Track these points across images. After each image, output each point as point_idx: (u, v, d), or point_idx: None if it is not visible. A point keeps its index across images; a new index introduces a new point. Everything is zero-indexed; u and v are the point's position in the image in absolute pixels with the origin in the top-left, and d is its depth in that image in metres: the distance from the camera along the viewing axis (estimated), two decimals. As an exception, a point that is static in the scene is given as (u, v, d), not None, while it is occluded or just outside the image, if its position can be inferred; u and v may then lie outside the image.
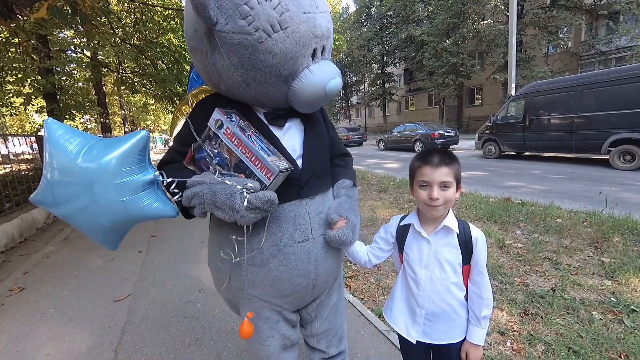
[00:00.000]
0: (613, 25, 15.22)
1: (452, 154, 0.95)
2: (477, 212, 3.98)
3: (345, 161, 1.21)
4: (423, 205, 0.94)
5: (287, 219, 0.97)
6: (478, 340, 0.98)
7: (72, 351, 1.85)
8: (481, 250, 0.96)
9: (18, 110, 11.57)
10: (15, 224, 3.92)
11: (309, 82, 0.89)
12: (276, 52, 0.82)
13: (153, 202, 0.87)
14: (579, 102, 7.33)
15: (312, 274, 1.02)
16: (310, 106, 0.96)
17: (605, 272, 2.38)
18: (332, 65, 0.94)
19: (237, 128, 0.86)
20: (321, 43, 0.90)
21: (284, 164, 0.87)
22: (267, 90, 0.90)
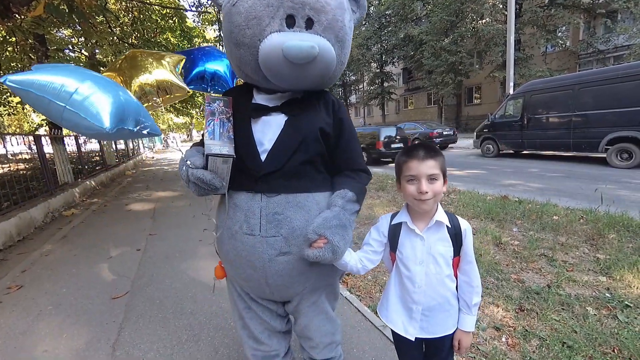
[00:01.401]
0: (611, 24, 15.29)
1: (436, 147, 0.97)
2: (474, 210, 4.00)
3: (359, 175, 1.09)
4: (412, 200, 0.94)
5: (241, 208, 1.00)
6: (469, 327, 1.01)
7: (70, 347, 1.85)
8: (469, 241, 0.99)
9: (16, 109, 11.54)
10: (13, 222, 3.91)
11: (269, 44, 0.86)
12: (241, 11, 0.88)
13: None
14: (576, 100, 7.35)
15: (260, 270, 1.00)
16: (278, 75, 0.91)
17: (601, 269, 2.40)
18: (312, 36, 0.87)
19: (208, 111, 0.97)
20: (303, 12, 0.87)
21: (223, 149, 0.94)
22: (240, 53, 0.94)
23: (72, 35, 9.04)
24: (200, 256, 3.10)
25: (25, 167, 6.30)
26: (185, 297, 2.34)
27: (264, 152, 0.99)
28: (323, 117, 1.02)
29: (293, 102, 1.02)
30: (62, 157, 6.66)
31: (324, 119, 1.02)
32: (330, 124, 1.03)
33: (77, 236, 4.01)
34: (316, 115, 1.01)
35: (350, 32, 1.01)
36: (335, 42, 0.94)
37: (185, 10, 9.66)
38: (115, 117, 0.93)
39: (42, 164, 5.30)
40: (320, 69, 0.92)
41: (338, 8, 0.92)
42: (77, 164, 7.61)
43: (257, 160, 0.98)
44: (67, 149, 6.95)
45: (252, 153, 0.98)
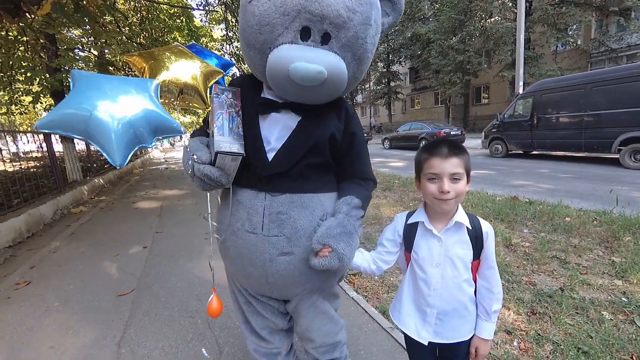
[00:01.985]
0: (624, 22, 14.94)
1: (461, 145, 0.91)
2: (483, 210, 3.93)
3: (366, 183, 1.09)
4: (432, 199, 0.90)
5: (244, 205, 0.98)
6: (487, 334, 0.96)
7: (76, 344, 1.86)
8: (491, 245, 0.93)
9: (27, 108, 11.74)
10: (22, 219, 3.96)
11: (278, 55, 0.81)
12: (256, 13, 0.83)
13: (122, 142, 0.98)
14: (588, 100, 7.20)
15: (261, 268, 0.98)
16: (280, 88, 0.88)
17: (616, 272, 2.32)
18: (326, 55, 0.81)
19: (216, 104, 0.93)
20: (321, 26, 0.80)
21: (233, 147, 0.90)
22: (251, 55, 0.91)
23: (82, 35, 9.17)
24: (205, 255, 3.10)
25: (35, 164, 6.39)
26: (190, 296, 2.33)
27: (270, 151, 0.95)
28: (335, 123, 0.98)
29: (306, 105, 0.96)
30: (72, 155, 6.75)
31: (336, 125, 0.99)
32: (341, 130, 1.00)
33: (85, 233, 4.05)
34: (328, 120, 0.98)
35: (373, 48, 0.93)
36: (351, 60, 0.87)
37: (192, 10, 9.72)
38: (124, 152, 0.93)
39: (52, 162, 5.37)
40: (328, 90, 0.88)
41: (362, 24, 0.83)
42: (86, 162, 7.71)
43: (264, 159, 0.94)
44: (76, 147, 7.04)
45: (258, 150, 0.94)
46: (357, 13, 0.81)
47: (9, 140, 5.62)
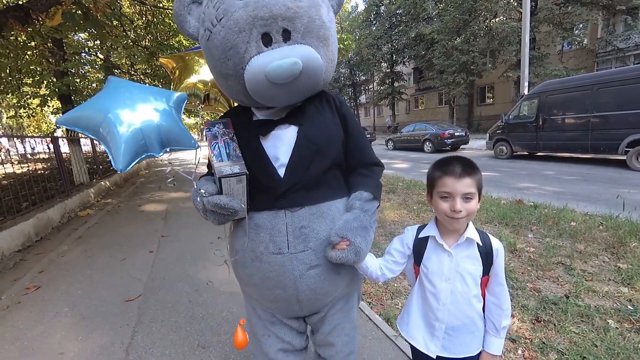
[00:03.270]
0: (631, 21, 14.72)
1: (474, 163, 0.91)
2: (487, 214, 3.91)
3: (372, 171, 1.08)
4: (444, 217, 0.91)
5: (264, 228, 0.96)
6: (496, 350, 0.97)
7: (85, 350, 1.89)
8: (501, 261, 0.94)
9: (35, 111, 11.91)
10: (31, 223, 4.03)
11: (250, 69, 0.83)
12: (217, 45, 0.87)
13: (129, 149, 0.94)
14: (594, 101, 7.13)
15: (291, 288, 0.97)
16: (268, 98, 0.90)
17: (622, 279, 2.31)
18: (293, 49, 0.83)
19: (209, 136, 0.96)
20: (277, 25, 0.82)
21: (234, 168, 0.90)
22: (229, 84, 0.94)
23: (88, 38, 9.28)
24: (211, 259, 3.13)
25: (42, 166, 6.48)
26: (196, 302, 2.36)
27: (280, 167, 0.96)
28: (330, 119, 1.01)
29: (297, 111, 0.99)
30: (78, 158, 6.84)
31: (332, 121, 1.01)
32: (338, 123, 1.03)
33: (91, 237, 4.10)
34: (324, 120, 1.00)
35: (333, 25, 0.95)
36: (318, 43, 0.89)
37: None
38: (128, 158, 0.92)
39: (59, 164, 5.45)
40: (310, 80, 0.89)
41: (311, 7, 0.86)
42: (92, 164, 7.80)
43: (276, 177, 0.95)
44: (82, 148, 7.13)
45: (269, 170, 0.95)
46: (297, 0, 0.83)
47: (17, 142, 5.71)
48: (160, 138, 0.95)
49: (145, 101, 0.96)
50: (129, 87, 1.02)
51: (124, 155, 0.89)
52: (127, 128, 0.90)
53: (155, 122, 0.93)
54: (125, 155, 0.90)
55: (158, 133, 0.94)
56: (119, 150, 0.89)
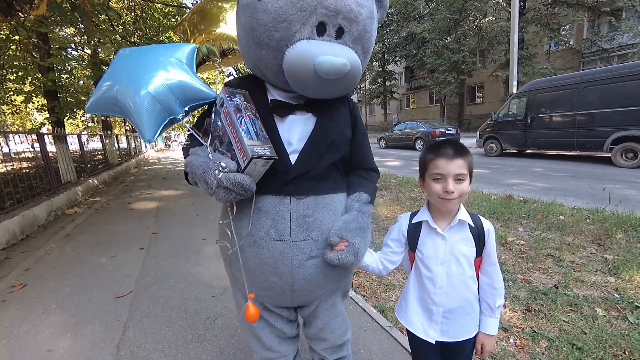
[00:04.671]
0: (615, 22, 15.16)
1: (464, 146, 0.93)
2: (479, 209, 3.97)
3: (370, 175, 1.10)
4: (437, 198, 0.92)
5: (266, 213, 0.93)
6: (492, 330, 0.99)
7: (75, 347, 1.85)
8: (492, 242, 0.96)
9: (19, 108, 11.58)
10: (16, 220, 3.91)
11: (300, 51, 0.81)
12: (270, 11, 0.81)
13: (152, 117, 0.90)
14: (581, 99, 7.30)
15: (287, 277, 0.95)
16: (303, 85, 0.88)
17: (609, 269, 2.37)
18: (343, 49, 0.84)
19: (232, 108, 0.87)
20: (336, 20, 0.82)
21: (265, 150, 0.84)
22: (262, 54, 0.87)
23: (75, 33, 9.06)
24: (204, 255, 3.10)
25: (28, 165, 6.30)
26: (189, 297, 2.33)
27: (293, 153, 0.94)
28: (346, 118, 1.03)
29: (316, 101, 0.98)
30: (65, 156, 6.67)
31: (346, 120, 1.03)
32: (349, 123, 1.04)
33: (80, 235, 4.01)
34: (340, 117, 1.02)
35: (374, 42, 0.97)
36: (361, 53, 0.90)
37: (187, 9, 9.65)
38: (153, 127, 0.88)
39: (45, 162, 5.30)
40: (347, 84, 0.90)
41: (369, 18, 0.88)
42: (80, 163, 7.63)
43: (287, 162, 0.93)
44: (70, 147, 6.96)
45: (281, 154, 0.92)
46: (365, 7, 0.85)
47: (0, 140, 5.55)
48: (175, 97, 0.90)
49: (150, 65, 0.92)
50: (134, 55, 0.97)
51: (148, 125, 0.87)
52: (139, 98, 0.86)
53: (164, 83, 0.88)
54: (149, 124, 0.87)
55: (171, 93, 0.89)
56: (142, 121, 0.86)
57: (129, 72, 0.90)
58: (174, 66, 0.93)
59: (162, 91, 0.88)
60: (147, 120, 0.86)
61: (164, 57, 0.94)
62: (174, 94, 0.89)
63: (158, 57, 0.94)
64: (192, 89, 0.92)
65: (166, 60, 0.93)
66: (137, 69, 0.91)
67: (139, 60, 0.94)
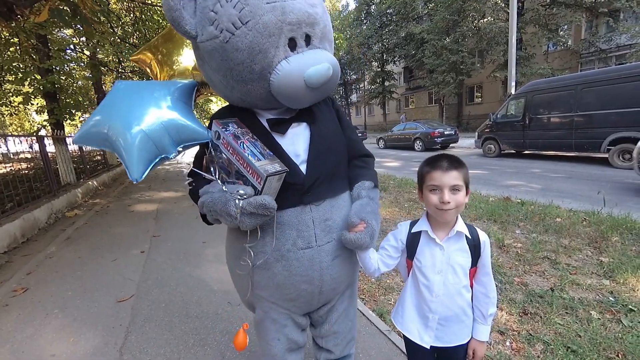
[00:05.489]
0: (613, 23, 15.20)
1: (460, 159, 0.97)
2: (476, 211, 4.01)
3: (366, 162, 1.16)
4: (434, 209, 0.95)
5: (290, 225, 0.96)
6: (484, 336, 1.03)
7: (78, 352, 1.87)
8: (488, 253, 1.00)
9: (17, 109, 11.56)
10: (17, 224, 3.93)
11: (285, 73, 0.84)
12: (242, 48, 0.82)
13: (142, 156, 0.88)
14: (578, 100, 7.34)
15: (317, 281, 1.00)
16: (296, 100, 0.92)
17: (604, 272, 2.40)
18: (318, 53, 0.88)
19: (230, 137, 0.89)
20: (301, 31, 0.85)
21: (276, 166, 0.86)
22: (249, 88, 0.90)
23: (74, 35, 9.05)
24: (204, 258, 3.12)
25: (27, 166, 6.30)
26: (190, 301, 2.36)
27: (302, 164, 0.98)
28: (330, 116, 1.08)
29: (306, 110, 1.02)
30: (65, 157, 6.68)
31: (331, 117, 1.08)
32: (336, 119, 1.10)
33: (81, 238, 4.03)
34: (327, 117, 1.07)
35: None
36: (329, 48, 0.95)
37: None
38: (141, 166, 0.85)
39: (45, 164, 5.31)
40: (334, 82, 0.93)
41: (324, 13, 0.91)
42: (79, 164, 7.63)
43: (300, 173, 0.96)
44: (69, 148, 6.97)
45: (292, 167, 0.95)
46: (317, 5, 0.88)
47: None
48: (170, 137, 0.89)
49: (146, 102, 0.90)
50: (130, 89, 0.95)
51: (137, 164, 0.85)
52: (130, 136, 0.84)
53: (160, 122, 0.87)
54: (139, 163, 0.85)
55: (166, 132, 0.88)
56: (131, 159, 0.84)
57: (122, 107, 0.88)
58: (170, 104, 0.91)
59: (157, 130, 0.86)
60: (137, 159, 0.85)
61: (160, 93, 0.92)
62: (170, 133, 0.88)
63: (153, 93, 0.92)
64: (189, 130, 0.91)
65: (163, 98, 0.91)
66: (131, 104, 0.88)
67: (134, 95, 0.91)
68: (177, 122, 0.89)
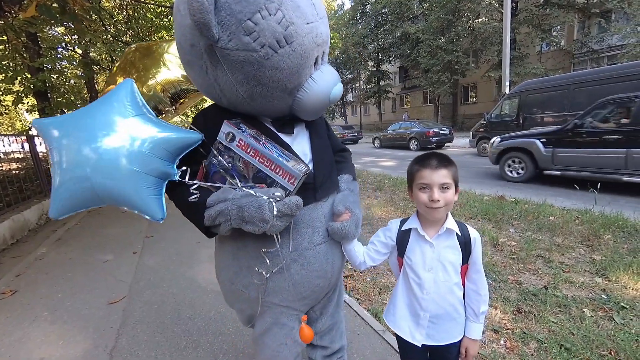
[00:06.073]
0: (605, 24, 15.40)
1: (449, 157, 0.97)
2: (471, 210, 4.02)
3: (344, 156, 1.23)
4: (424, 208, 0.95)
5: (305, 223, 0.98)
6: (476, 335, 1.03)
7: (67, 355, 1.83)
8: (479, 250, 1.00)
9: (8, 108, 11.38)
10: (6, 225, 3.85)
11: (313, 92, 0.88)
12: (283, 68, 0.80)
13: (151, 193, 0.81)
14: (571, 100, 7.41)
15: (329, 273, 1.04)
16: (316, 113, 0.97)
17: (597, 270, 2.42)
18: (331, 70, 0.94)
19: (250, 138, 0.85)
20: (321, 49, 0.89)
21: (304, 167, 0.88)
22: (273, 103, 0.90)
23: (65, 33, 8.92)
24: (197, 259, 3.08)
25: (17, 166, 6.20)
26: (183, 302, 2.32)
27: (309, 162, 1.00)
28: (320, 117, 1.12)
29: None
30: (56, 158, 6.57)
31: (321, 118, 1.13)
32: (322, 118, 1.15)
33: (72, 239, 3.96)
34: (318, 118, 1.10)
35: None
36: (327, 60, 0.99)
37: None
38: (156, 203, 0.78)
39: (36, 164, 5.22)
40: None
41: (326, 26, 0.94)
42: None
43: (310, 172, 0.96)
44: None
45: None
46: (324, 18, 0.89)
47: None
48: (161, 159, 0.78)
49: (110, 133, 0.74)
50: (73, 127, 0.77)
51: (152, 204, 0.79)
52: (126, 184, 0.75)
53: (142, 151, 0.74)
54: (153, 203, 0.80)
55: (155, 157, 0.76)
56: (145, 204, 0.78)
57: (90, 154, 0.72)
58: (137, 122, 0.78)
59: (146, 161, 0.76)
60: (149, 200, 0.78)
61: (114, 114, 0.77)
62: (158, 156, 0.78)
63: (111, 117, 0.76)
64: (174, 141, 0.82)
65: (124, 119, 0.77)
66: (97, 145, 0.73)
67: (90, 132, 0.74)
68: (157, 139, 0.78)
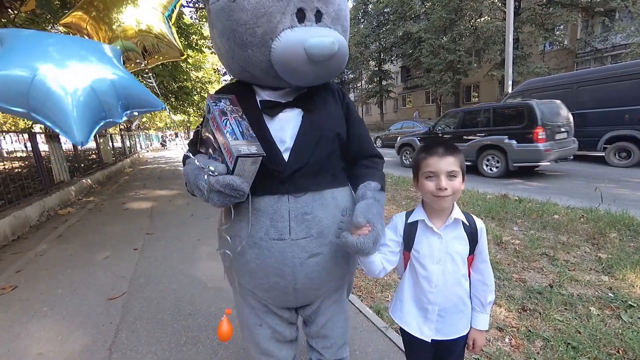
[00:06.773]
0: (609, 23, 15.32)
1: (455, 145, 0.95)
2: (474, 208, 3.99)
3: (374, 162, 1.08)
4: (430, 197, 0.92)
5: (265, 213, 0.92)
6: (483, 325, 1.00)
7: (66, 350, 1.81)
8: (484, 240, 0.98)
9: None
10: (7, 221, 3.85)
11: (286, 40, 0.81)
12: (247, 8, 0.80)
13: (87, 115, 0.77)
14: (575, 99, 7.35)
15: (289, 276, 0.95)
16: (296, 73, 0.86)
17: (603, 268, 2.38)
18: (325, 30, 0.85)
19: (217, 112, 0.87)
20: (312, 4, 0.83)
21: (252, 149, 0.82)
22: (249, 54, 0.86)
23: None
24: (198, 256, 3.07)
25: (20, 164, 6.21)
26: (183, 298, 2.30)
27: (286, 151, 0.93)
28: (334, 109, 1.02)
29: (304, 97, 0.98)
30: (58, 155, 6.58)
31: (336, 110, 1.02)
32: (342, 114, 1.03)
33: (73, 235, 3.96)
34: (329, 108, 1.00)
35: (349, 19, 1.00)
36: (342, 32, 0.91)
37: (182, 7, 9.55)
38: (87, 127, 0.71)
39: (38, 162, 5.23)
40: (339, 64, 0.89)
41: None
42: (74, 162, 7.53)
43: (281, 160, 0.92)
44: (63, 146, 6.87)
45: (274, 153, 0.91)
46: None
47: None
48: (119, 98, 0.77)
49: (81, 56, 0.74)
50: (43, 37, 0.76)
51: (81, 123, 0.71)
52: (73, 90, 0.69)
53: (109, 80, 0.74)
54: (82, 123, 0.71)
55: (115, 92, 0.75)
56: (71, 119, 0.70)
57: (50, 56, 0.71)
58: (116, 65, 0.78)
59: (106, 88, 0.74)
60: (79, 118, 0.72)
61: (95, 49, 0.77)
62: (119, 94, 0.77)
63: (85, 52, 0.76)
64: (140, 92, 0.81)
65: (102, 55, 0.78)
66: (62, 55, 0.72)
67: (60, 49, 0.74)
68: (129, 81, 0.78)
